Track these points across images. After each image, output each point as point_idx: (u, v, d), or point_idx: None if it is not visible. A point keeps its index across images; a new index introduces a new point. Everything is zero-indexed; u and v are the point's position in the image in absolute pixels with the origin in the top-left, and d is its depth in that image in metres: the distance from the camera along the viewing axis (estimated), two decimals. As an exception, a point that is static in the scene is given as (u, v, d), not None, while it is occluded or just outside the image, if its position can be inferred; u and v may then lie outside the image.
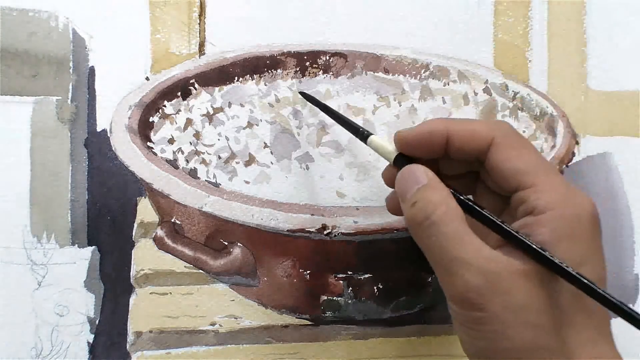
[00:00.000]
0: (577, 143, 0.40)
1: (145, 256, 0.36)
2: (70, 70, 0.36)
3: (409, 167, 0.28)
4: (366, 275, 0.36)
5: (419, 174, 0.28)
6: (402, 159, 0.30)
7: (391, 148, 0.30)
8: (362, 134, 0.32)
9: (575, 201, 0.26)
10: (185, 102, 0.37)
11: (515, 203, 0.27)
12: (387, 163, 0.31)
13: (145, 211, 0.36)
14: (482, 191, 0.31)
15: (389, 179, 0.32)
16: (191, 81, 0.37)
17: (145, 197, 0.36)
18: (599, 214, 0.26)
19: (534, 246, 0.25)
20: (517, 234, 0.25)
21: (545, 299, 0.24)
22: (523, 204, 0.27)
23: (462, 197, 0.27)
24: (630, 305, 0.23)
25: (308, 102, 0.37)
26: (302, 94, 0.37)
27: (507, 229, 0.26)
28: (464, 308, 0.25)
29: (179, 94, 0.37)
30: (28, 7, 0.36)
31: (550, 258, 0.24)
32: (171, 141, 0.37)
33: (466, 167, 0.31)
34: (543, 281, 0.25)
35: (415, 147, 0.29)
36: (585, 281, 0.24)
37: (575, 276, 0.24)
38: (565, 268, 0.24)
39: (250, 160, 0.37)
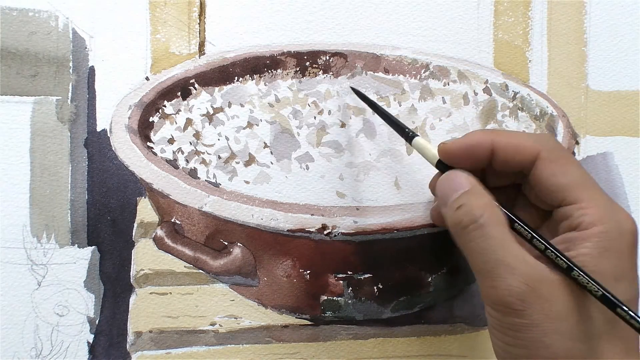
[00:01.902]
0: (577, 143, 0.40)
1: (145, 256, 0.36)
2: (70, 70, 0.36)
3: (451, 172, 0.29)
4: (366, 275, 0.36)
5: (461, 180, 0.28)
6: (445, 164, 0.30)
7: (435, 151, 0.31)
8: (408, 135, 0.33)
9: (618, 218, 0.27)
10: (185, 102, 0.37)
11: (558, 217, 0.28)
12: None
13: (145, 211, 0.36)
14: (523, 204, 0.31)
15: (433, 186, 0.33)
16: (191, 81, 0.37)
17: (145, 197, 0.36)
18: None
19: (564, 260, 0.25)
20: (554, 250, 0.26)
21: (581, 310, 0.25)
22: (567, 219, 0.27)
23: (501, 209, 0.28)
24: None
25: (356, 100, 0.37)
26: (353, 89, 0.37)
27: (542, 241, 0.26)
28: (504, 313, 0.25)
29: (179, 94, 0.37)
30: (28, 7, 0.36)
31: (586, 277, 0.25)
32: (171, 141, 0.37)
33: (508, 180, 0.31)
34: (579, 293, 0.25)
35: (458, 159, 0.30)
36: (613, 299, 0.24)
37: (606, 295, 0.25)
38: (603, 291, 0.25)
39: (250, 160, 0.37)
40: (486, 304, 0.26)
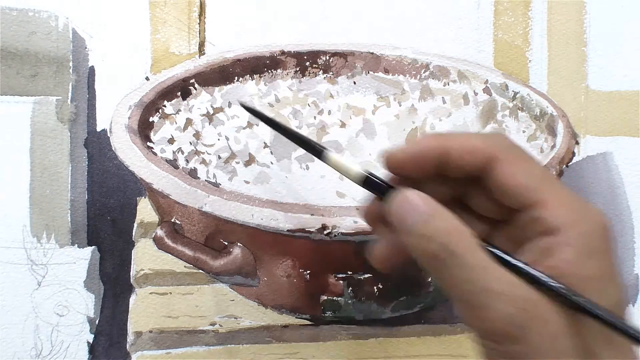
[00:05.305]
0: (577, 143, 0.40)
1: (145, 256, 0.36)
2: (70, 70, 0.36)
3: (404, 194, 0.26)
4: (366, 275, 0.36)
5: (419, 202, 0.25)
6: (373, 182, 0.27)
7: (355, 168, 0.27)
8: (318, 151, 0.28)
9: (589, 215, 0.25)
10: (185, 102, 0.37)
11: (523, 222, 0.26)
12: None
13: (145, 211, 0.36)
14: (467, 218, 0.28)
15: (371, 215, 0.29)
16: (191, 81, 0.37)
17: (145, 197, 0.36)
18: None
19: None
20: (548, 280, 0.24)
21: (576, 325, 0.24)
22: (534, 223, 0.25)
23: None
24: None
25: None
26: (243, 106, 0.31)
27: (534, 273, 0.24)
28: (501, 342, 0.23)
29: (179, 94, 0.37)
30: (28, 7, 0.36)
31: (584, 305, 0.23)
32: (171, 141, 0.37)
33: (451, 192, 0.28)
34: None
35: (406, 167, 0.27)
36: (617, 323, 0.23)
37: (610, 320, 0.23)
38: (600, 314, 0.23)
39: (250, 160, 0.37)
40: (477, 336, 0.24)
